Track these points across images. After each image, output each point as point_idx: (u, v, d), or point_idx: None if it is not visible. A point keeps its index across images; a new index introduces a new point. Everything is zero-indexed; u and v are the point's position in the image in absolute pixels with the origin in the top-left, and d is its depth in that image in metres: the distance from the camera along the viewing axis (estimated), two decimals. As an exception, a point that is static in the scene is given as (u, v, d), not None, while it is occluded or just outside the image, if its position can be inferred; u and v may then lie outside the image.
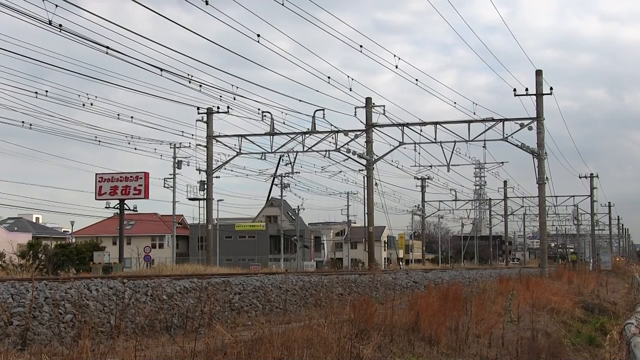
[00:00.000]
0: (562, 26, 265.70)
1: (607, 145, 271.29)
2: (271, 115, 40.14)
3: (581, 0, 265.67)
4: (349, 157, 42.17)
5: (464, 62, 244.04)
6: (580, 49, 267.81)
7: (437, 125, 40.26)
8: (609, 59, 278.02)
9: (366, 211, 46.10)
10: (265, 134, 41.68)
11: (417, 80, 40.02)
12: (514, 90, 39.51)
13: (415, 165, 44.76)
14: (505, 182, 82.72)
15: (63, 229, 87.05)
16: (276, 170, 57.35)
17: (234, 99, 35.15)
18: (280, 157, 47.65)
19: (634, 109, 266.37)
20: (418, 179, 72.55)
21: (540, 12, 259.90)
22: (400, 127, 41.34)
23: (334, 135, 40.74)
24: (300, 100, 51.63)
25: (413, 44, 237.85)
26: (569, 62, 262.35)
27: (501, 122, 39.20)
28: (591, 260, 73.21)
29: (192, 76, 30.46)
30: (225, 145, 43.87)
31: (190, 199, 52.97)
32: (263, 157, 43.45)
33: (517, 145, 39.30)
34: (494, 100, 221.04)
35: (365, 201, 48.45)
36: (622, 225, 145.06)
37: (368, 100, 41.25)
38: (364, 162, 43.04)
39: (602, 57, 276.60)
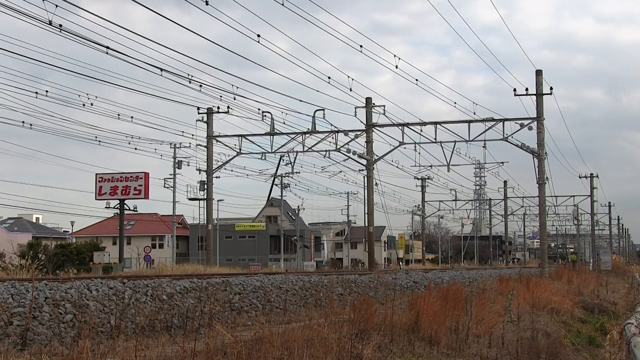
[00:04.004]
0: (559, 27, 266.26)
1: (605, 146, 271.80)
2: (271, 115, 40.17)
3: (577, 2, 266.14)
4: (349, 157, 42.20)
5: (461, 63, 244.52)
6: (577, 50, 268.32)
7: (437, 125, 40.25)
8: (605, 60, 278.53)
9: (366, 211, 46.11)
10: (265, 134, 41.67)
11: (417, 80, 40.07)
12: (514, 90, 39.54)
13: (415, 165, 44.83)
14: (505, 182, 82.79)
15: (63, 229, 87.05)
16: (276, 170, 57.41)
17: (234, 99, 35.17)
18: (280, 157, 47.71)
19: (631, 109, 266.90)
20: (418, 179, 72.67)
21: (536, 14, 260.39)
22: (400, 127, 41.34)
23: (334, 135, 40.76)
24: (300, 100, 51.78)
25: (411, 45, 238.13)
26: (566, 63, 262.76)
27: (501, 122, 39.19)
28: (591, 260, 73.17)
29: (192, 76, 30.47)
30: (225, 145, 43.92)
31: (190, 199, 53.04)
32: (263, 157, 43.48)
33: (517, 145, 39.30)
34: (491, 101, 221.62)
35: (365, 201, 48.50)
36: (622, 225, 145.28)
37: (368, 100, 41.24)
38: (364, 162, 43.04)
39: (598, 58, 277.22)
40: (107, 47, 24.10)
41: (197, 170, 44.84)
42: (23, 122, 34.82)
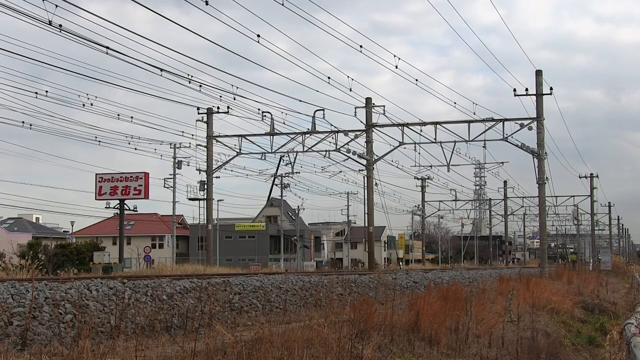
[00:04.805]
0: (558, 28, 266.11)
1: (604, 146, 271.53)
2: (271, 115, 40.16)
3: (576, 2, 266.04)
4: (349, 157, 42.18)
5: (460, 63, 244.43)
6: (576, 50, 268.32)
7: (437, 125, 40.25)
8: (605, 60, 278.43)
9: (366, 211, 46.10)
10: (265, 134, 41.66)
11: (416, 80, 40.06)
12: (514, 90, 39.55)
13: (415, 165, 44.83)
14: (505, 182, 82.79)
15: (63, 229, 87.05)
16: (277, 170, 57.39)
17: (234, 99, 35.16)
18: (280, 157, 47.71)
19: (631, 109, 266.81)
20: (418, 179, 72.64)
21: (535, 14, 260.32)
22: (400, 127, 41.34)
23: (334, 136, 40.75)
24: (300, 101, 51.71)
25: (410, 45, 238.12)
26: (565, 63, 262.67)
27: (501, 122, 39.19)
28: (591, 260, 73.15)
29: (192, 76, 30.46)
30: (225, 145, 43.92)
31: (190, 199, 53.00)
32: (263, 157, 43.48)
33: (517, 145, 39.31)
34: (491, 101, 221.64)
35: (365, 201, 48.48)
36: (622, 225, 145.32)
37: (368, 100, 41.24)
38: (364, 162, 43.03)
39: (598, 59, 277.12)
40: (107, 47, 24.11)
41: (197, 170, 44.90)
42: (23, 122, 34.89)
